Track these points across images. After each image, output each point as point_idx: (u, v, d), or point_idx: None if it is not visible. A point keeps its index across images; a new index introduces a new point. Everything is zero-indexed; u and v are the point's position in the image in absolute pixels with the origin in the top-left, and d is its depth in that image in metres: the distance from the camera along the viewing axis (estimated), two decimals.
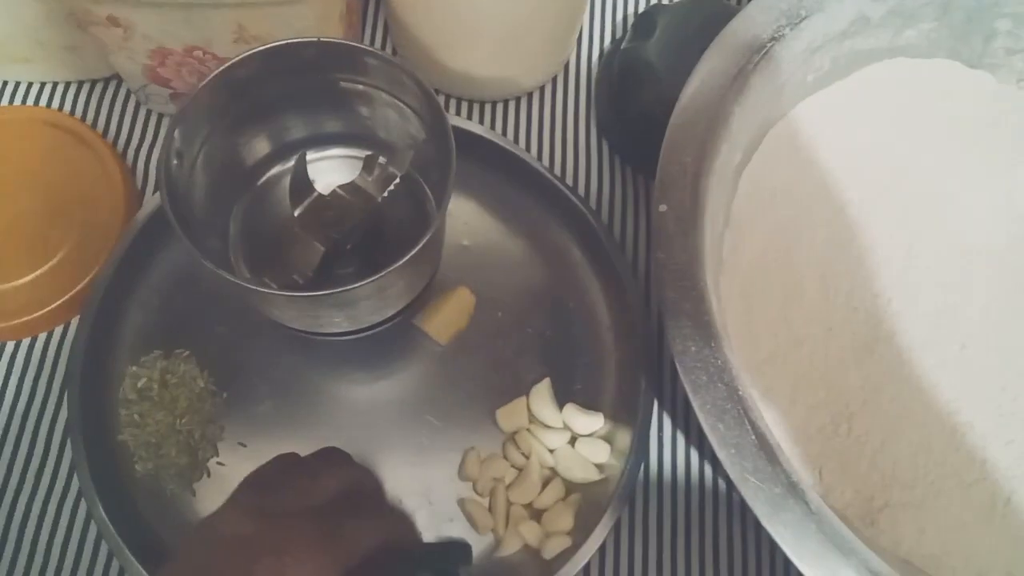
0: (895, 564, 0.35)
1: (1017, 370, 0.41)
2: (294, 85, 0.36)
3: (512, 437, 0.42)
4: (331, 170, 0.41)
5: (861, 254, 0.43)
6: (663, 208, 0.36)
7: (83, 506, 0.39)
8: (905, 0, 0.43)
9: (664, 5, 0.47)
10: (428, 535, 0.40)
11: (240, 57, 0.33)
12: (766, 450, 0.32)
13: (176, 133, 0.32)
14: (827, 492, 0.39)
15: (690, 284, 0.35)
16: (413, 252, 0.33)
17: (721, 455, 0.32)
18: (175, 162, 0.33)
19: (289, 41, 0.33)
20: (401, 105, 0.37)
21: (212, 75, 0.32)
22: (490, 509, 0.40)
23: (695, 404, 0.33)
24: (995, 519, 0.39)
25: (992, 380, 0.41)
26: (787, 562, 0.41)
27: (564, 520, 0.40)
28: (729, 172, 0.41)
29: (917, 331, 0.42)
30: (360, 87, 0.37)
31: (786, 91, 0.43)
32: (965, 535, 0.39)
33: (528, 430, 0.42)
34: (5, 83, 0.47)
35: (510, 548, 0.40)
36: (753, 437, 0.32)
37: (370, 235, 0.39)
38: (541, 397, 0.42)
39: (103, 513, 0.37)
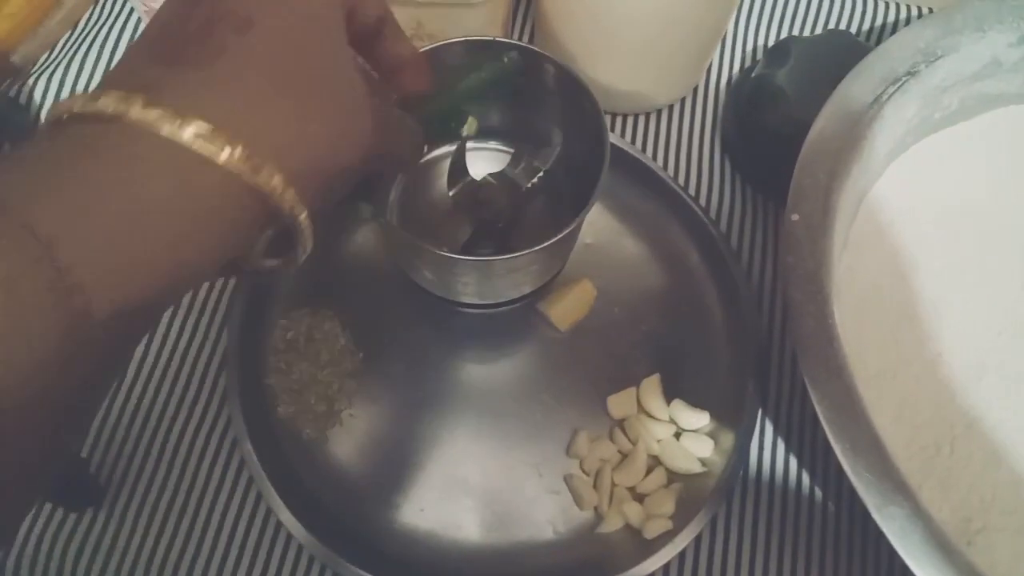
0: None
1: None
2: (468, 77, 0.40)
3: (620, 423, 0.44)
4: (485, 159, 0.45)
5: (976, 284, 0.45)
6: (795, 217, 0.38)
7: (230, 437, 0.43)
8: None
9: (798, 37, 0.50)
10: (534, 505, 0.43)
11: (429, 47, 0.37)
12: (879, 447, 0.34)
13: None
14: (926, 508, 0.40)
15: (816, 288, 0.37)
16: (553, 240, 0.36)
17: (837, 447, 0.34)
18: None
19: (470, 38, 0.37)
20: (560, 107, 0.41)
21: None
22: (595, 487, 0.43)
23: (814, 397, 0.35)
24: None
25: None
26: (878, 569, 0.42)
27: (666, 504, 0.42)
28: (855, 195, 0.43)
29: (1015, 370, 0.43)
30: (530, 88, 0.40)
31: (913, 125, 0.45)
32: None
33: (636, 419, 0.44)
34: None
35: (612, 526, 0.42)
36: (867, 433, 0.34)
37: (512, 222, 0.43)
38: (651, 390, 0.45)
39: (248, 445, 0.41)
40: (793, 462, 0.45)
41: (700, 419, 0.44)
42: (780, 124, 0.47)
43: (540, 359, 0.46)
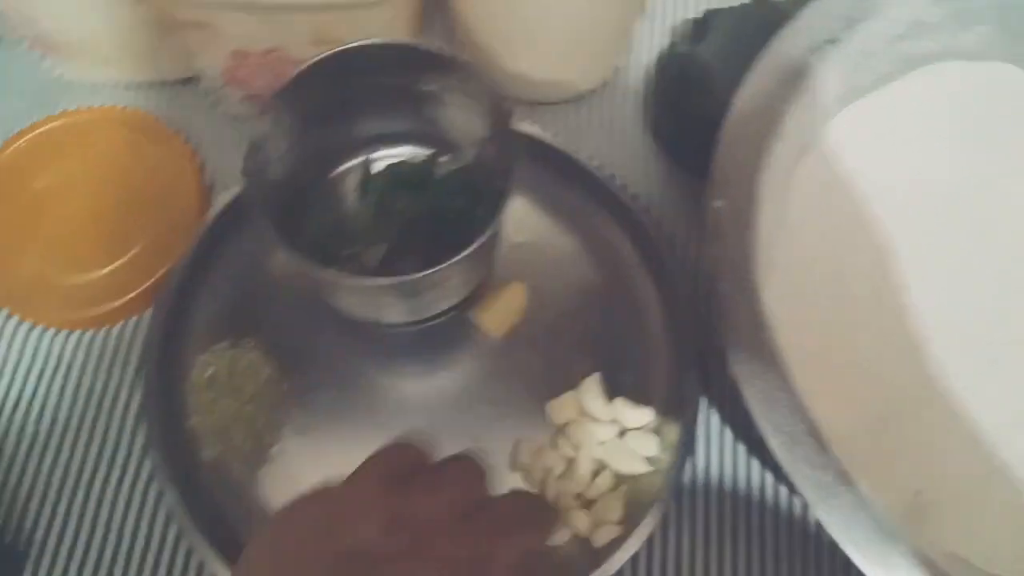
0: (945, 558, 0.36)
1: None
2: (368, 84, 0.38)
3: (562, 429, 0.43)
4: None
5: (911, 257, 0.43)
6: (718, 204, 0.37)
7: (153, 489, 0.41)
8: (963, 4, 0.43)
9: (719, 10, 0.48)
10: None
11: (323, 56, 0.35)
12: (816, 438, 0.33)
13: (261, 127, 0.34)
14: (875, 487, 0.39)
15: (743, 277, 0.35)
16: (475, 245, 0.34)
17: (772, 443, 0.33)
18: (257, 155, 0.35)
19: (368, 42, 0.35)
20: (469, 105, 0.39)
21: (297, 71, 0.34)
22: None
23: (746, 393, 0.33)
24: None
25: None
26: (833, 554, 0.41)
27: (614, 510, 0.40)
28: (783, 172, 0.42)
29: (967, 332, 0.42)
30: (430, 87, 0.39)
31: (840, 93, 0.44)
32: (1012, 533, 0.39)
33: (578, 422, 0.43)
34: (93, 85, 0.50)
35: (560, 537, 0.40)
36: (803, 425, 0.33)
37: (431, 232, 0.41)
38: (591, 391, 0.43)
39: (174, 495, 0.39)
40: (741, 451, 0.44)
41: (644, 416, 0.43)
42: (705, 103, 0.45)
43: (476, 369, 0.44)
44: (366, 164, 0.39)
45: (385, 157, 0.43)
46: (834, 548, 0.41)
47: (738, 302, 0.35)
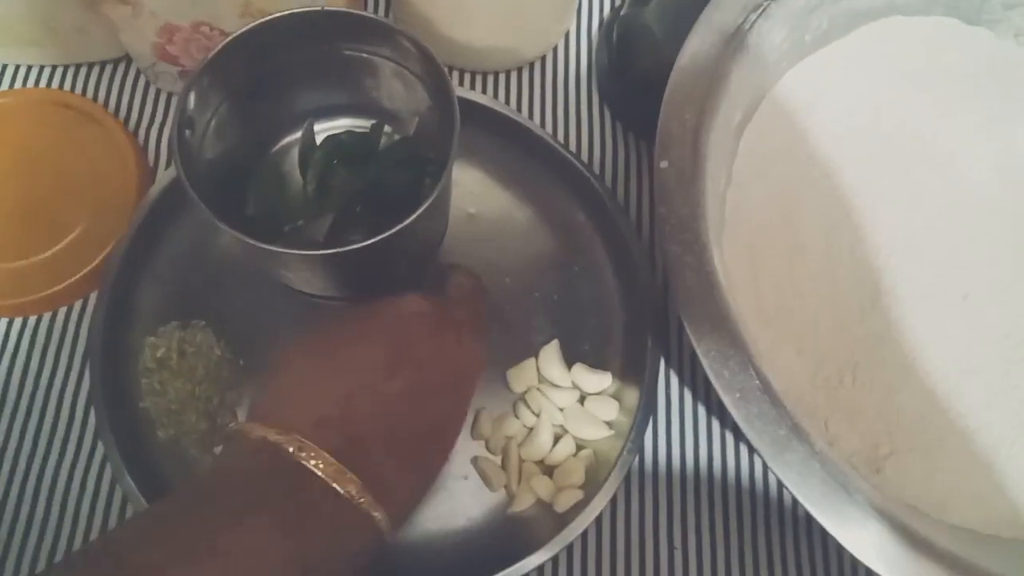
0: (900, 508, 0.36)
1: (1020, 318, 0.42)
2: (301, 55, 0.37)
3: (523, 397, 0.43)
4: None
5: (862, 210, 0.44)
6: (664, 164, 0.37)
7: (108, 473, 0.40)
8: None
9: None
10: (443, 493, 0.41)
11: (249, 27, 0.34)
12: (770, 394, 0.33)
13: (187, 103, 0.33)
14: (833, 441, 0.40)
15: (692, 237, 0.35)
16: (418, 212, 0.34)
17: (726, 399, 0.33)
18: (187, 132, 0.34)
19: (296, 11, 0.34)
20: (406, 73, 0.38)
21: (222, 44, 0.33)
22: (503, 466, 0.41)
23: (699, 351, 0.34)
24: (999, 464, 0.40)
25: (995, 328, 0.42)
26: (794, 508, 0.42)
27: (575, 474, 0.40)
28: (730, 131, 0.42)
29: (919, 283, 0.42)
30: (365, 56, 0.38)
31: (784, 51, 0.44)
32: (970, 481, 0.39)
33: (538, 389, 0.43)
34: (17, 66, 0.48)
35: (523, 503, 0.41)
36: (757, 382, 0.33)
37: (376, 205, 0.40)
38: (550, 357, 0.43)
39: (128, 479, 0.38)
40: (702, 410, 0.44)
41: (603, 381, 0.43)
42: (651, 65, 0.45)
43: None
44: (305, 137, 0.38)
45: (326, 130, 0.42)
46: (796, 504, 0.42)
47: (687, 263, 0.35)
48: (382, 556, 0.39)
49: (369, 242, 0.33)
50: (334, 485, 0.28)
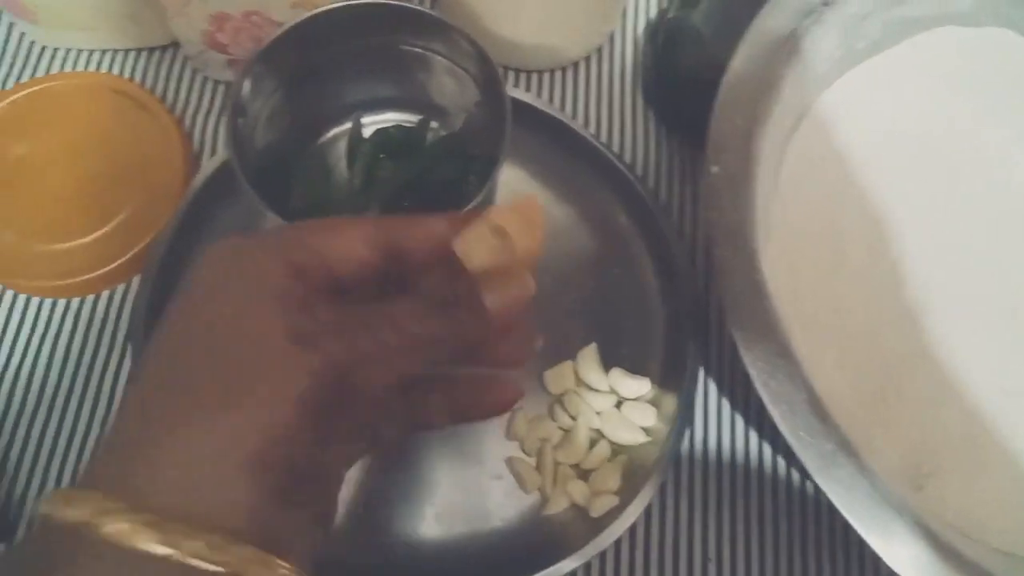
0: (946, 529, 0.35)
1: None
2: (353, 47, 0.37)
3: (559, 399, 0.42)
4: None
5: (907, 221, 0.43)
6: (715, 169, 0.36)
7: None
8: None
9: None
10: (477, 493, 0.41)
11: (304, 17, 0.34)
12: (817, 407, 0.33)
13: (241, 90, 0.33)
14: (874, 457, 0.39)
15: (741, 243, 0.35)
16: (467, 210, 0.34)
17: (772, 412, 0.32)
18: (240, 120, 0.34)
19: (351, 3, 0.34)
20: (457, 69, 0.38)
21: (278, 33, 0.33)
22: (537, 468, 0.41)
23: (746, 360, 0.33)
24: None
25: None
26: (832, 523, 0.41)
27: (611, 479, 0.40)
28: (779, 137, 0.41)
29: (966, 297, 0.42)
30: (418, 50, 0.38)
31: (836, 58, 0.43)
32: (1015, 502, 0.39)
33: (575, 392, 0.42)
34: (68, 50, 0.48)
35: (557, 506, 0.40)
36: (804, 394, 0.33)
37: (421, 200, 0.40)
38: (588, 361, 0.43)
39: None
40: (739, 420, 0.43)
41: (641, 386, 0.42)
42: (699, 68, 0.45)
43: None
44: (354, 130, 0.38)
45: (373, 123, 0.42)
46: (832, 516, 0.41)
47: (736, 268, 0.35)
48: (413, 555, 0.39)
49: None
50: None
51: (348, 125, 0.39)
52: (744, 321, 0.33)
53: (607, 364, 0.43)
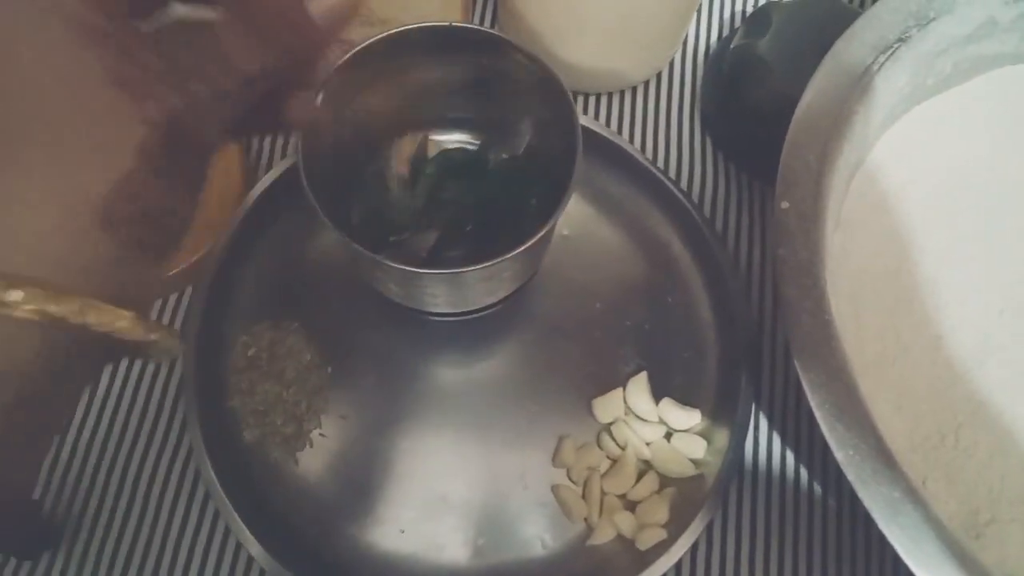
0: None
1: None
2: (421, 67, 0.37)
3: (608, 428, 0.42)
4: None
5: (976, 263, 0.42)
6: (785, 205, 0.36)
7: (193, 467, 0.40)
8: None
9: (778, 3, 0.46)
10: (521, 519, 0.40)
11: (380, 36, 0.33)
12: (884, 453, 0.32)
13: (314, 107, 0.33)
14: (931, 502, 0.38)
15: (811, 282, 0.34)
16: (532, 241, 0.33)
17: (839, 456, 0.32)
18: (311, 133, 0.34)
19: (426, 24, 0.34)
20: (524, 94, 0.38)
21: (353, 51, 0.33)
22: (584, 497, 0.41)
23: (813, 402, 0.32)
24: None
25: None
26: (882, 564, 0.40)
27: (659, 512, 0.39)
28: (846, 173, 0.40)
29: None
30: (485, 74, 0.37)
31: (905, 94, 0.43)
32: None
33: (624, 421, 0.42)
34: None
35: (603, 537, 0.40)
36: (872, 439, 0.32)
37: (482, 222, 0.40)
38: (638, 389, 0.42)
39: (212, 475, 0.38)
40: (790, 458, 0.42)
41: (691, 418, 0.42)
42: (762, 98, 0.44)
43: (520, 362, 0.43)
44: (419, 149, 0.38)
45: (437, 143, 0.42)
46: (882, 558, 0.40)
47: (805, 308, 0.34)
48: None
49: (483, 266, 0.32)
50: None
51: (413, 145, 0.39)
52: (812, 363, 0.33)
53: (657, 394, 0.42)
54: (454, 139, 0.42)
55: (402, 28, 0.34)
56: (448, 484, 0.41)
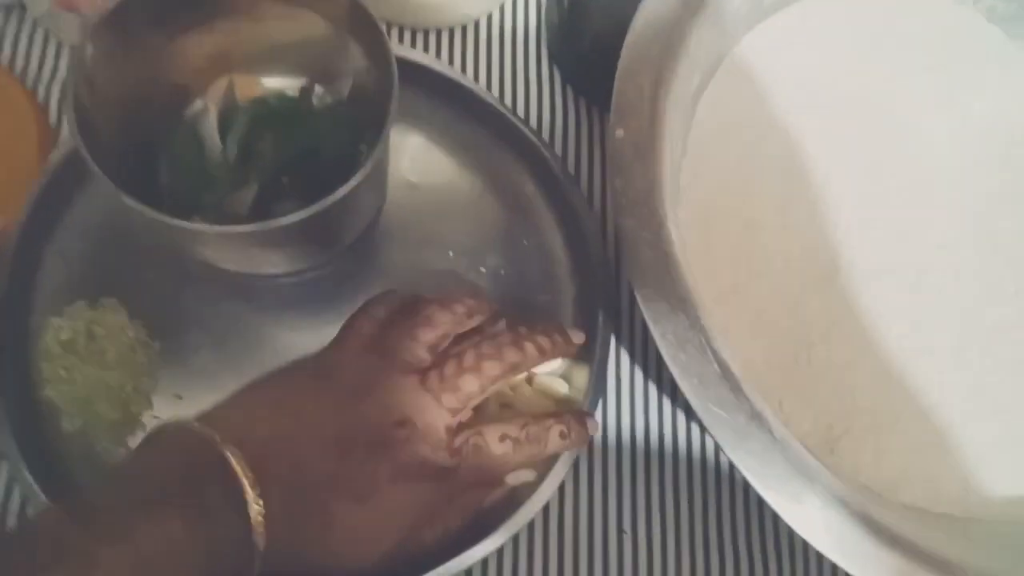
0: (856, 489, 0.35)
1: (975, 294, 0.41)
2: (220, 6, 0.33)
3: None
4: None
5: (820, 183, 0.42)
6: (620, 133, 0.34)
7: (4, 472, 0.37)
8: None
9: None
10: None
11: None
12: (729, 380, 0.31)
13: (85, 57, 0.29)
14: (787, 422, 0.39)
15: (649, 212, 0.33)
16: (351, 183, 0.31)
17: (683, 385, 0.31)
18: (87, 91, 0.30)
19: None
20: (338, 30, 0.35)
21: None
22: None
23: (655, 334, 0.32)
24: (952, 441, 0.39)
25: (950, 305, 0.41)
26: (747, 489, 0.41)
27: None
28: (687, 98, 0.39)
29: (876, 259, 0.41)
30: (295, 10, 0.34)
31: (742, 13, 0.42)
32: (923, 459, 0.39)
33: None
34: None
35: None
36: (716, 367, 0.32)
37: (307, 174, 0.37)
38: None
39: (29, 477, 0.34)
40: (653, 389, 0.42)
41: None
42: (605, 26, 0.42)
43: None
44: (226, 98, 0.35)
45: (263, 86, 0.38)
46: (748, 486, 0.41)
47: (644, 238, 0.33)
48: None
49: (296, 217, 0.29)
50: (243, 480, 0.27)
51: (220, 92, 0.35)
52: (652, 294, 0.32)
53: None
54: (270, 83, 0.38)
55: None
56: None
